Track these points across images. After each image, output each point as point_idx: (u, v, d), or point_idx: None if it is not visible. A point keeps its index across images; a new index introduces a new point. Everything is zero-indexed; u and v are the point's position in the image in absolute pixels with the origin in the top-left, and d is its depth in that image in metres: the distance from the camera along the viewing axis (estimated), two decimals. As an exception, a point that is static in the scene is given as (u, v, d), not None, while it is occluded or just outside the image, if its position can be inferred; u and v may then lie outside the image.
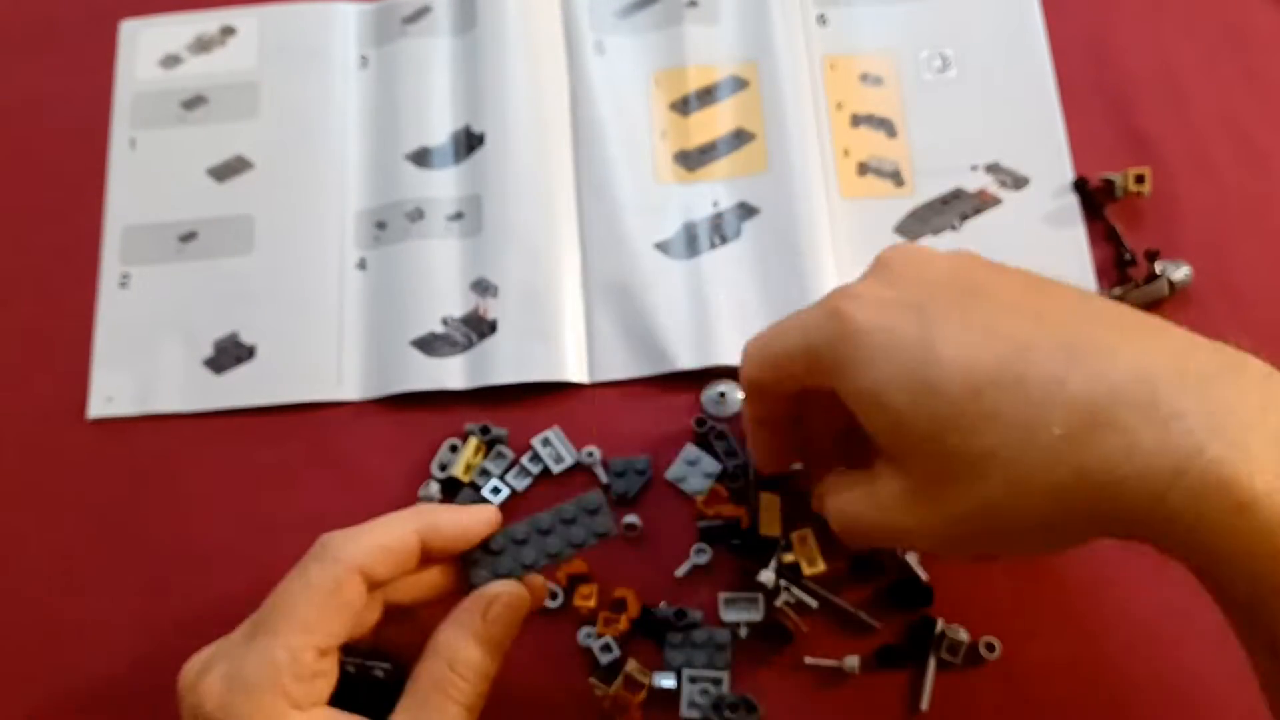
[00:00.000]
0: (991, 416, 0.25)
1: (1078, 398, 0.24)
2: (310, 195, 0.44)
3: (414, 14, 0.47)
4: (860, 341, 0.27)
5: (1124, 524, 0.25)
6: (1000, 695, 0.36)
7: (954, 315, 0.27)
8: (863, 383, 0.27)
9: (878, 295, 0.28)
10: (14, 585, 0.39)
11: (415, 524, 0.30)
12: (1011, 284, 0.28)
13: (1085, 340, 0.25)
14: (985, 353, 0.26)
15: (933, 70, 0.45)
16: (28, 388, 0.42)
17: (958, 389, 0.25)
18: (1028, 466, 0.25)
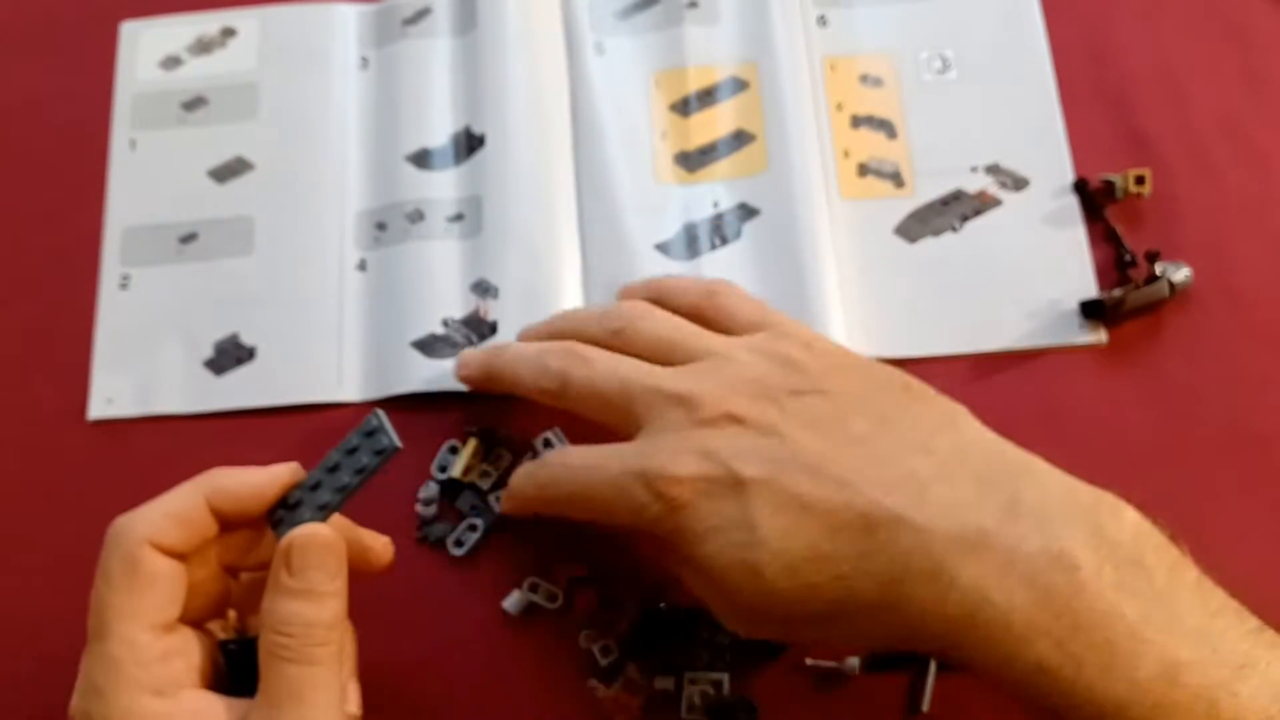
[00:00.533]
0: (809, 589, 0.29)
1: (877, 573, 0.28)
2: (310, 196, 0.44)
3: (414, 15, 0.47)
4: (689, 525, 0.30)
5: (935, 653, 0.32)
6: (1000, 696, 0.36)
7: (769, 494, 0.29)
8: (694, 558, 0.30)
9: (698, 473, 0.30)
10: (14, 586, 0.39)
11: (201, 488, 0.30)
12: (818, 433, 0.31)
13: (880, 509, 0.29)
14: (800, 535, 0.29)
15: (933, 71, 0.45)
16: (28, 389, 0.42)
17: (778, 570, 0.29)
18: (845, 622, 0.30)
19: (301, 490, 0.31)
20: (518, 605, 0.38)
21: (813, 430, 0.31)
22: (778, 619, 0.30)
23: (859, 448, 0.30)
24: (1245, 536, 0.38)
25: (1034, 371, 0.40)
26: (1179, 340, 0.41)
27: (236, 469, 0.31)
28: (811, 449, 0.30)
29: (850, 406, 0.31)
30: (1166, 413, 0.40)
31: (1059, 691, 0.27)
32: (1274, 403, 0.40)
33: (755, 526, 0.29)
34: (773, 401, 0.31)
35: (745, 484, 0.30)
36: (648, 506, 0.30)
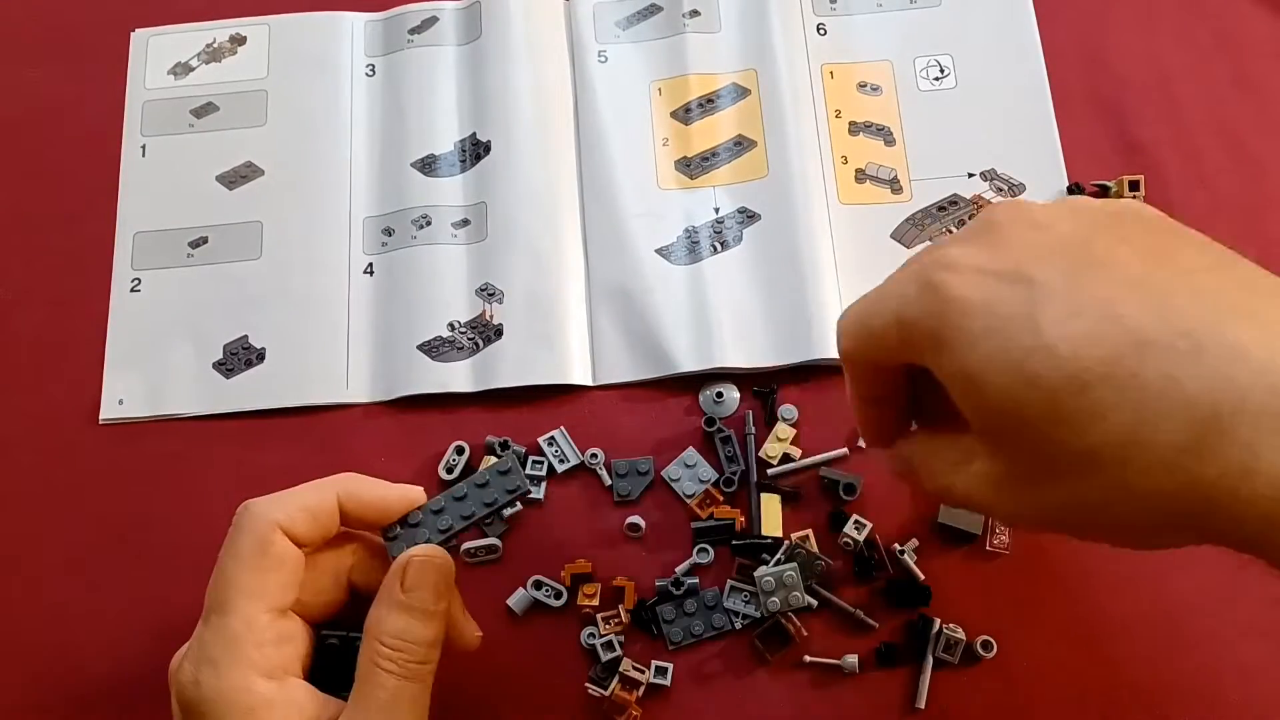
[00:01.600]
0: (1099, 416, 0.23)
1: (1197, 403, 0.22)
2: (318, 202, 0.45)
3: (420, 24, 0.48)
4: (958, 320, 0.24)
5: (1236, 541, 0.23)
6: (997, 694, 0.37)
7: (1065, 293, 0.23)
8: (960, 365, 0.24)
9: (979, 264, 0.25)
10: (27, 585, 0.40)
11: (335, 487, 0.31)
12: (1136, 252, 0.24)
13: (1212, 332, 0.22)
14: (1098, 344, 0.23)
15: (930, 79, 0.46)
16: (41, 391, 0.43)
17: (1064, 382, 0.23)
18: (1134, 473, 0.23)
19: (423, 512, 0.32)
20: (522, 603, 0.38)
21: (1133, 248, 0.24)
22: (1049, 461, 0.24)
23: (1186, 276, 0.24)
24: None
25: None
26: (1172, 343, 0.41)
27: (370, 479, 0.32)
28: (1127, 262, 0.24)
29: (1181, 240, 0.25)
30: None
31: None
32: (1266, 405, 0.40)
33: (1040, 329, 0.23)
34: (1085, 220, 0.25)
35: (1036, 281, 0.24)
36: (914, 300, 0.25)
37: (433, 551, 0.31)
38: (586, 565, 0.38)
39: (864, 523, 0.38)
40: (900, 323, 0.26)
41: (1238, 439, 0.22)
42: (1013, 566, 0.38)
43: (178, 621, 0.38)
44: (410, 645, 0.29)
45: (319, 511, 0.30)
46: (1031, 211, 0.26)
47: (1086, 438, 0.23)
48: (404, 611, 0.29)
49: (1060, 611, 0.37)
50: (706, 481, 0.39)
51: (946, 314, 0.25)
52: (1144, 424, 0.22)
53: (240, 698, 0.28)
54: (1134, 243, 0.25)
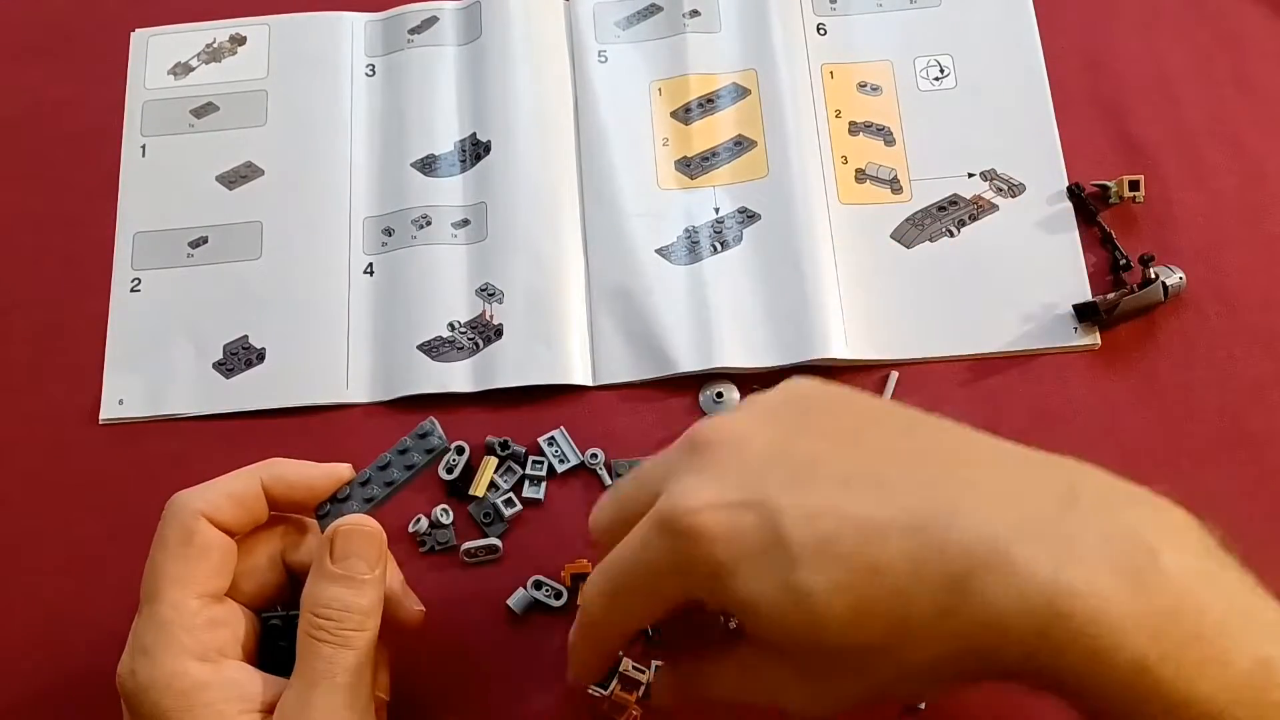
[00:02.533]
0: (863, 612, 0.25)
1: (937, 576, 0.24)
2: (319, 202, 0.45)
3: (420, 24, 0.48)
4: (716, 558, 0.26)
5: (1014, 675, 0.25)
6: (996, 693, 0.37)
7: (794, 506, 0.26)
8: (736, 596, 0.26)
9: (709, 500, 0.26)
10: (27, 585, 0.40)
11: (260, 473, 0.31)
12: (839, 441, 0.27)
13: (929, 509, 0.25)
14: (842, 543, 0.25)
15: (930, 79, 0.46)
16: (40, 391, 0.43)
17: (823, 589, 0.25)
18: (909, 649, 0.25)
19: (351, 486, 0.32)
20: (522, 603, 0.38)
21: (833, 441, 0.27)
22: (836, 662, 0.26)
23: (890, 451, 0.27)
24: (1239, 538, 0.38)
25: (1029, 374, 0.41)
26: (1172, 343, 0.41)
27: (296, 461, 0.32)
28: (835, 457, 0.27)
29: (870, 421, 0.28)
30: (1160, 415, 0.40)
31: (1157, 695, 0.23)
32: (1266, 405, 0.40)
33: (791, 544, 0.25)
34: (783, 425, 0.28)
35: (769, 502, 0.26)
36: (670, 550, 0.27)
37: (359, 520, 0.31)
38: (586, 565, 0.38)
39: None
40: (675, 572, 0.27)
41: (977, 595, 0.24)
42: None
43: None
44: (343, 613, 0.29)
45: (243, 497, 0.31)
46: (732, 430, 0.28)
47: (860, 635, 0.25)
48: (334, 581, 0.29)
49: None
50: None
51: (705, 557, 0.26)
52: (900, 608, 0.25)
53: (174, 682, 0.28)
54: (829, 433, 0.27)
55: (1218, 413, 0.40)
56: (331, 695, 0.28)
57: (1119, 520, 0.25)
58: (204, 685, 0.28)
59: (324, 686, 0.28)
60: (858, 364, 0.41)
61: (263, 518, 0.32)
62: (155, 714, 0.28)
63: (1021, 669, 0.25)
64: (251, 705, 0.28)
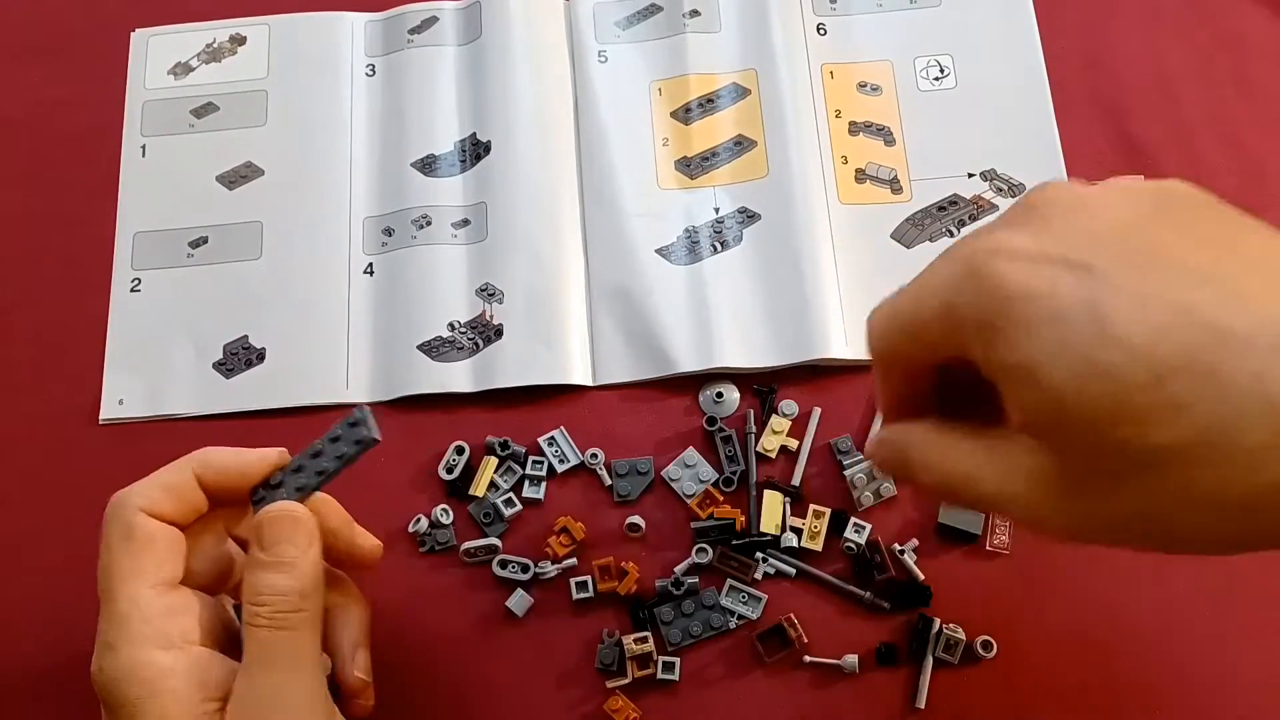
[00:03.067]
0: (1176, 409, 0.21)
1: (1274, 395, 0.20)
2: (319, 202, 0.45)
3: (420, 24, 0.48)
4: (1014, 308, 0.22)
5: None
6: (997, 694, 0.37)
7: (1130, 283, 0.22)
8: (1015, 357, 0.23)
9: (1032, 250, 0.23)
10: (27, 585, 0.40)
11: (190, 463, 0.32)
12: (1196, 241, 0.23)
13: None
14: (1171, 335, 0.21)
15: (930, 79, 0.46)
16: (41, 391, 0.43)
17: (1138, 374, 0.21)
18: (1214, 474, 0.21)
19: (285, 473, 0.32)
20: (521, 604, 0.38)
21: (1195, 238, 0.23)
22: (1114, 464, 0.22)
23: (1259, 261, 0.22)
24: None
25: (1030, 374, 0.41)
26: (1172, 343, 0.41)
27: (227, 449, 0.32)
28: (1192, 252, 0.22)
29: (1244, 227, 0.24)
30: (1160, 414, 0.40)
31: None
32: (1266, 405, 0.40)
33: (1107, 318, 0.21)
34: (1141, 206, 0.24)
35: (1096, 269, 0.22)
36: (962, 288, 0.23)
37: (285, 506, 0.31)
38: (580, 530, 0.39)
39: (864, 525, 0.38)
40: (948, 313, 0.24)
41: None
42: (1013, 566, 0.38)
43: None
44: (278, 597, 0.29)
45: (177, 488, 0.31)
46: (1079, 194, 0.24)
47: (1161, 434, 0.21)
48: (266, 568, 0.30)
49: (1060, 611, 0.37)
50: (706, 481, 0.39)
51: (1002, 302, 0.23)
52: (1225, 422, 0.21)
53: (139, 671, 0.28)
54: (1192, 231, 0.23)
55: (1218, 412, 0.40)
56: (273, 677, 0.29)
57: None
58: (168, 672, 0.28)
59: (266, 670, 0.29)
60: (858, 364, 0.41)
61: (202, 507, 0.32)
62: (123, 704, 0.28)
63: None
64: (218, 691, 0.29)
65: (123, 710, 0.28)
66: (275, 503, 0.31)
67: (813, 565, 0.38)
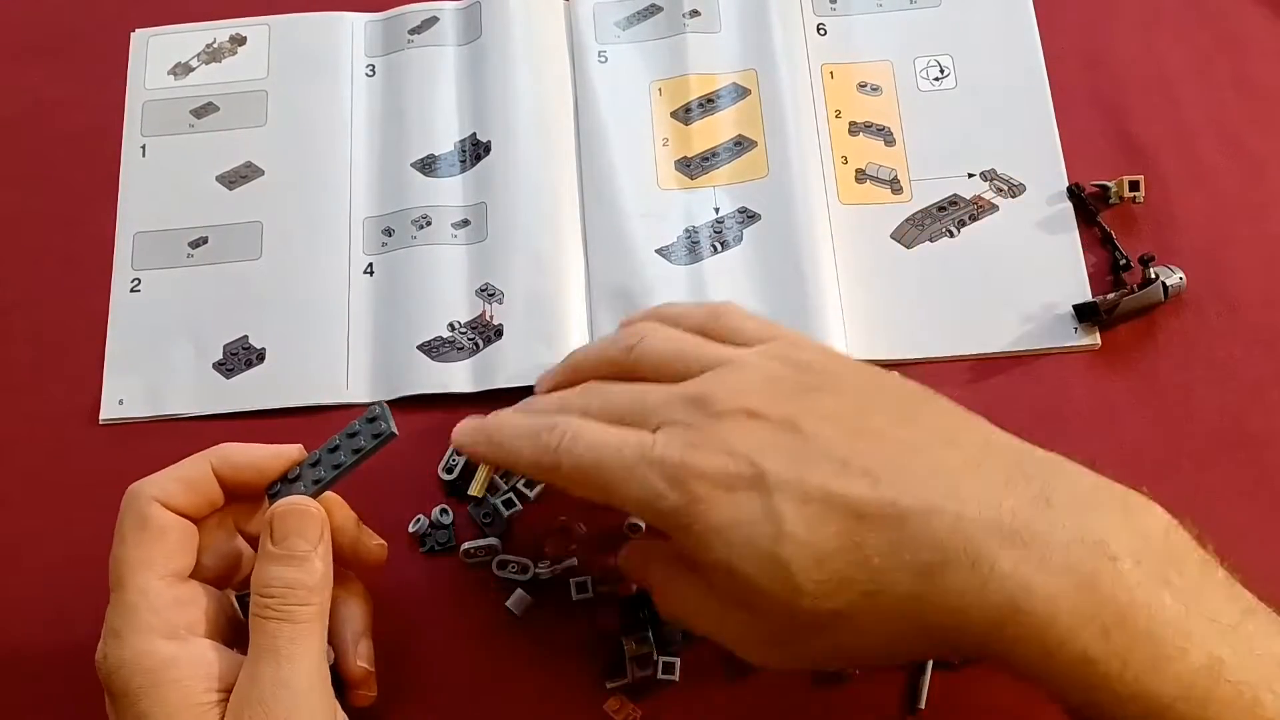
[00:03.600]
0: (838, 583, 0.28)
1: (911, 563, 0.27)
2: (318, 202, 0.45)
3: (420, 24, 0.48)
4: (709, 519, 0.29)
5: (961, 654, 0.29)
6: (997, 694, 0.37)
7: (792, 487, 0.28)
8: (715, 555, 0.29)
9: (716, 470, 0.29)
10: (26, 586, 0.40)
11: (208, 457, 0.32)
12: (836, 428, 0.29)
13: (913, 502, 0.28)
14: (827, 525, 0.28)
15: (930, 79, 0.46)
16: (40, 391, 0.43)
17: (808, 564, 0.28)
18: (874, 620, 0.28)
19: (302, 468, 0.33)
20: (520, 604, 0.38)
21: (832, 425, 0.29)
22: (803, 625, 0.29)
23: (882, 440, 0.29)
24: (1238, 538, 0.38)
25: (1030, 374, 0.41)
26: (1172, 344, 0.41)
27: (245, 445, 0.33)
28: (834, 441, 0.29)
29: (869, 403, 0.31)
30: (1160, 415, 0.40)
31: (1105, 686, 0.26)
32: (1266, 405, 0.40)
33: (780, 519, 0.28)
34: (789, 399, 0.30)
35: (768, 478, 0.28)
36: (664, 496, 0.29)
37: (297, 501, 0.32)
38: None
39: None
40: (651, 511, 0.30)
41: (945, 588, 0.27)
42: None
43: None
44: (286, 590, 0.30)
45: (194, 481, 0.32)
46: (740, 401, 0.30)
47: (831, 602, 0.28)
48: (275, 561, 0.30)
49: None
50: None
51: (699, 514, 0.29)
52: (873, 584, 0.27)
53: (143, 660, 0.29)
54: (828, 417, 0.30)
55: (1218, 413, 0.40)
56: (278, 668, 0.29)
57: (1088, 525, 0.27)
58: (171, 662, 0.29)
59: (271, 661, 0.29)
60: (858, 364, 0.41)
61: (218, 501, 0.32)
62: (126, 693, 0.29)
63: (977, 653, 0.28)
64: (221, 683, 0.29)
65: (125, 698, 0.29)
66: (288, 497, 0.32)
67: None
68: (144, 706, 0.28)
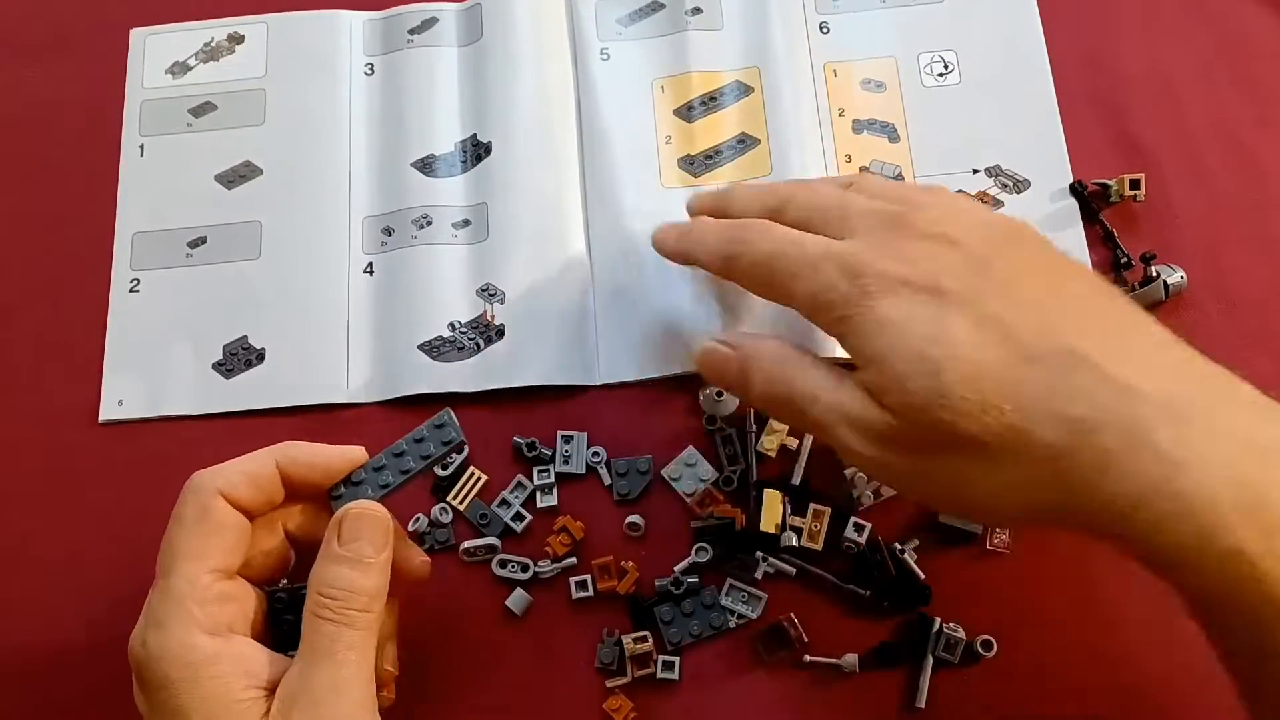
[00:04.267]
0: (985, 410, 0.27)
1: (1066, 412, 0.26)
2: (318, 201, 0.45)
3: (420, 24, 0.47)
4: (875, 312, 0.29)
5: (1090, 528, 0.27)
6: (996, 693, 0.37)
7: (968, 307, 0.28)
8: (870, 346, 0.29)
9: (896, 273, 0.29)
10: (25, 587, 0.40)
11: (274, 454, 0.32)
12: (1031, 277, 0.29)
13: (1085, 354, 0.27)
14: (992, 351, 0.27)
15: (934, 76, 0.45)
16: (40, 391, 0.42)
17: (960, 376, 0.27)
18: (1008, 462, 0.27)
19: (365, 471, 0.33)
20: (520, 603, 0.38)
21: (1029, 275, 0.29)
22: (937, 440, 0.28)
23: (1072, 303, 0.29)
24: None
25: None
26: (1174, 342, 0.41)
27: (311, 444, 0.33)
28: (1025, 290, 0.29)
29: (1069, 272, 0.31)
30: (1161, 414, 0.40)
31: (1256, 582, 0.24)
32: (1267, 404, 0.40)
33: (947, 327, 0.28)
34: (988, 243, 0.30)
35: (945, 294, 0.28)
36: (835, 286, 0.29)
37: (368, 505, 0.32)
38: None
39: (864, 524, 0.38)
40: (815, 296, 0.30)
41: (1095, 447, 0.26)
42: (1013, 566, 0.38)
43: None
44: (348, 594, 0.30)
45: (259, 477, 0.31)
46: (948, 224, 0.30)
47: (972, 426, 0.27)
48: (340, 563, 0.30)
49: (1060, 611, 0.37)
50: (706, 481, 0.39)
51: (866, 305, 0.29)
52: (1020, 424, 0.27)
53: (183, 653, 0.29)
54: (1029, 268, 0.30)
55: (1219, 412, 0.40)
56: (333, 671, 0.29)
57: (1261, 430, 0.26)
58: (212, 658, 0.29)
59: (327, 664, 0.29)
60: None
61: (278, 499, 0.32)
62: (163, 684, 0.28)
63: (1108, 530, 0.26)
64: (257, 680, 0.29)
65: (163, 690, 0.28)
66: (358, 500, 0.32)
67: (813, 565, 0.38)
68: (182, 700, 0.28)
